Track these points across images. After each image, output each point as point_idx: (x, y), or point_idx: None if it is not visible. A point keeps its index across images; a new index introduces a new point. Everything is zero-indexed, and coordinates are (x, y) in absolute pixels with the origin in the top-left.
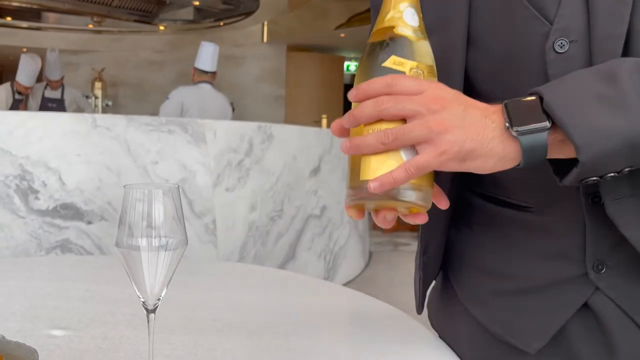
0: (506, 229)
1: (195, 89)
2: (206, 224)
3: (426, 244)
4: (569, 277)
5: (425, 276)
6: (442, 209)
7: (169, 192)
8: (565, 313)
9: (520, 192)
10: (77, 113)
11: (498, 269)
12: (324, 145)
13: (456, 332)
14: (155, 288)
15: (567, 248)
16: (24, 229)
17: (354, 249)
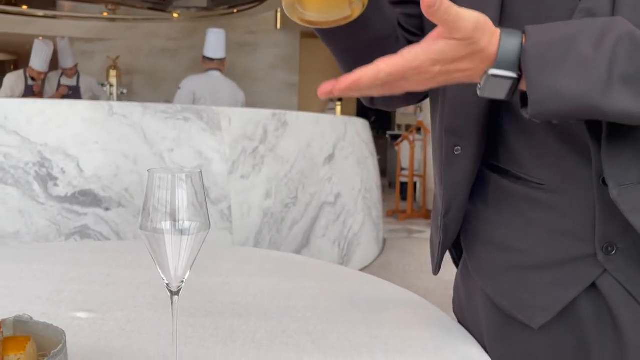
0: (519, 205)
1: (205, 77)
2: (222, 211)
3: (449, 205)
4: (578, 257)
5: (445, 238)
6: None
7: (192, 177)
8: (572, 292)
9: (534, 168)
10: (94, 101)
11: (509, 243)
12: (338, 133)
13: (475, 311)
14: (178, 271)
15: (577, 228)
16: (43, 215)
17: (368, 236)
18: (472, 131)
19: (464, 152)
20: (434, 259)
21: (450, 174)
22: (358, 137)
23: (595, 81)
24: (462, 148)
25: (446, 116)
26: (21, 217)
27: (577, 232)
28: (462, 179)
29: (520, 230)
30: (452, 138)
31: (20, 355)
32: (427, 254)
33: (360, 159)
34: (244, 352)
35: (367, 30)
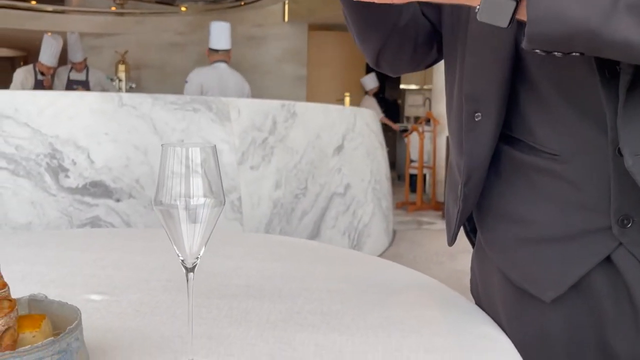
0: (532, 177)
1: (211, 69)
2: (232, 202)
3: (469, 174)
4: (592, 230)
5: (464, 207)
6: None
7: (206, 151)
8: (585, 265)
9: (548, 138)
10: (104, 92)
11: (522, 216)
12: (347, 123)
13: (490, 290)
14: (193, 247)
15: (592, 200)
16: (55, 206)
17: (377, 227)
18: (493, 97)
19: (484, 118)
20: (450, 230)
21: (471, 141)
22: (367, 127)
23: (600, 5)
24: (482, 114)
25: (466, 82)
26: (33, 209)
27: (592, 204)
28: (483, 146)
29: (534, 203)
30: (472, 104)
31: (36, 333)
32: (438, 245)
33: (370, 150)
34: (259, 332)
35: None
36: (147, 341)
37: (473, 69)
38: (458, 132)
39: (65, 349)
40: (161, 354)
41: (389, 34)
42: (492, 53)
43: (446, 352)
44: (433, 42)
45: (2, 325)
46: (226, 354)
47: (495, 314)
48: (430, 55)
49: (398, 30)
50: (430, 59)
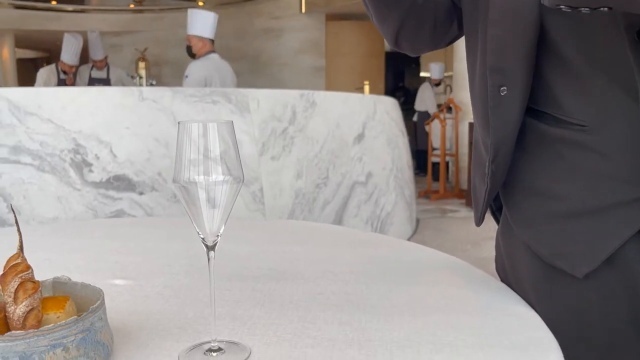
0: (559, 150)
1: (206, 60)
2: (253, 192)
3: (497, 149)
4: (624, 201)
5: (492, 185)
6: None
7: (224, 127)
8: (618, 238)
9: (576, 108)
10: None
11: (551, 190)
12: (367, 111)
13: (518, 268)
14: (214, 224)
15: (622, 170)
16: (80, 200)
17: (400, 216)
18: (519, 69)
19: (510, 92)
20: (477, 210)
21: (497, 116)
22: (387, 115)
23: None
24: (508, 88)
25: (490, 55)
26: (59, 204)
27: (623, 175)
28: (509, 121)
29: (562, 176)
30: (497, 77)
31: (60, 314)
32: (462, 232)
33: (391, 138)
34: (282, 312)
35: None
36: (171, 322)
37: (497, 42)
38: (483, 108)
39: (89, 327)
40: (185, 335)
41: (407, 12)
42: (515, 24)
43: (474, 330)
44: (453, 18)
45: (26, 306)
46: (249, 333)
47: (523, 292)
48: (451, 32)
49: (416, 8)
50: (450, 36)
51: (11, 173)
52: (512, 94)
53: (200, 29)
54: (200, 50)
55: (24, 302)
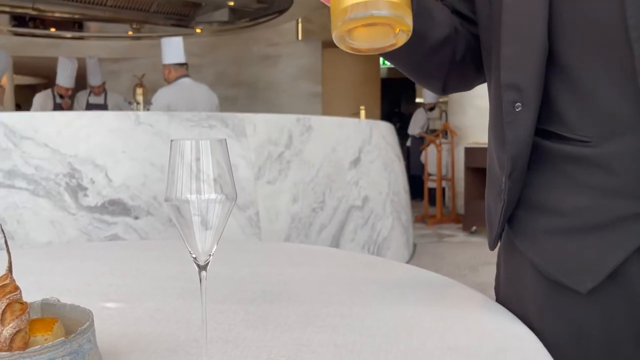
0: (563, 166)
1: (176, 86)
2: (249, 217)
3: (514, 164)
4: (626, 216)
5: (509, 200)
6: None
7: (217, 145)
8: (621, 253)
9: (580, 124)
10: (121, 111)
11: (553, 206)
12: (363, 136)
13: (519, 285)
14: (206, 243)
15: (625, 185)
16: (74, 225)
17: (397, 241)
18: (531, 86)
19: (524, 108)
20: (492, 231)
21: (513, 131)
22: (384, 140)
23: None
24: (522, 104)
25: (504, 73)
26: (53, 228)
27: (626, 189)
28: (524, 135)
29: (565, 192)
30: (511, 94)
31: (48, 336)
32: (460, 257)
33: (387, 163)
34: (276, 335)
35: (426, 41)
36: (162, 345)
37: (510, 60)
38: (499, 124)
39: (77, 350)
40: (176, 358)
41: (448, 74)
42: (526, 43)
43: (472, 351)
44: None
45: (13, 327)
46: (242, 356)
47: (524, 309)
48: None
49: (455, 66)
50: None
51: (5, 197)
52: (526, 109)
53: (168, 57)
54: (169, 77)
55: (11, 323)
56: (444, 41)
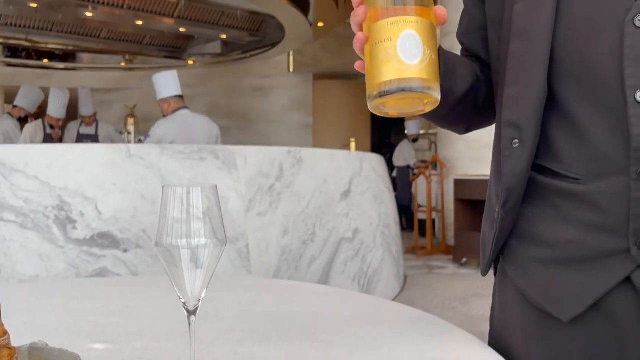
0: (554, 200)
1: (173, 118)
2: (239, 249)
3: (507, 196)
4: (611, 251)
5: (501, 230)
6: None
7: (207, 191)
8: (604, 286)
9: (574, 162)
10: (112, 144)
11: (543, 237)
12: (354, 168)
13: (511, 314)
14: (195, 289)
15: (611, 222)
16: (62, 258)
17: (388, 273)
18: (530, 124)
19: (522, 145)
20: (485, 257)
21: (509, 166)
22: (374, 172)
23: None
24: (520, 141)
25: (505, 110)
26: (40, 261)
27: (611, 226)
28: (520, 171)
29: (555, 225)
30: (510, 131)
31: None
32: (450, 289)
33: (377, 194)
34: None
35: (451, 97)
36: None
37: (511, 99)
38: (497, 157)
39: None
40: None
41: (471, 117)
42: (527, 84)
43: None
44: None
45: None
46: None
47: (513, 338)
48: None
49: (478, 109)
50: None
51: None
52: (523, 146)
53: (163, 92)
54: (167, 111)
55: None
56: (467, 93)
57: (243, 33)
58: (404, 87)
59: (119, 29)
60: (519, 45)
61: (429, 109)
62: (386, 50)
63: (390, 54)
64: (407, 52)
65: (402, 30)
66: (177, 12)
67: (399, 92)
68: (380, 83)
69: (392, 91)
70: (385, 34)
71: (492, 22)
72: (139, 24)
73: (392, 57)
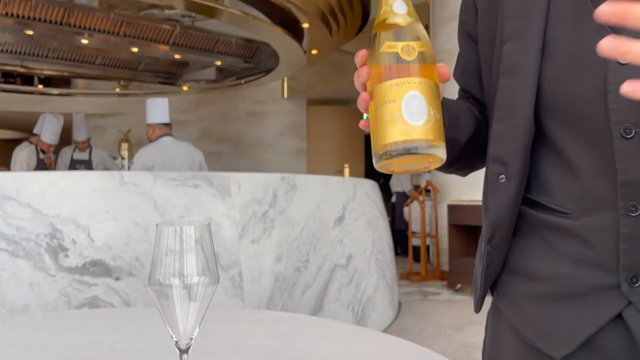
0: (544, 234)
1: (157, 144)
2: (232, 277)
3: (493, 231)
4: (602, 287)
5: (488, 265)
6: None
7: (200, 230)
8: (595, 323)
9: (564, 197)
10: (106, 171)
11: (533, 272)
12: (347, 194)
13: (503, 349)
14: (187, 327)
15: (602, 257)
16: (53, 287)
17: (382, 299)
18: (517, 160)
19: (508, 180)
20: (476, 292)
21: (495, 201)
22: (367, 198)
23: None
24: (506, 176)
25: (492, 146)
26: (31, 290)
27: (602, 261)
28: (506, 207)
29: (545, 259)
30: (497, 167)
31: None
32: (445, 316)
33: (371, 220)
34: None
35: (458, 146)
36: None
37: (497, 135)
38: (485, 192)
39: None
40: None
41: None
42: (513, 120)
43: None
44: None
45: None
46: None
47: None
48: None
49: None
50: None
51: None
52: (509, 182)
53: (151, 118)
54: (152, 136)
55: None
56: (471, 138)
57: (238, 60)
58: (410, 148)
59: (114, 55)
60: (507, 83)
61: (435, 166)
62: (391, 112)
63: (395, 115)
64: (412, 113)
65: (406, 91)
66: (172, 39)
67: (405, 154)
68: (385, 144)
69: (398, 152)
70: (389, 96)
71: (484, 61)
72: (134, 50)
73: (397, 119)
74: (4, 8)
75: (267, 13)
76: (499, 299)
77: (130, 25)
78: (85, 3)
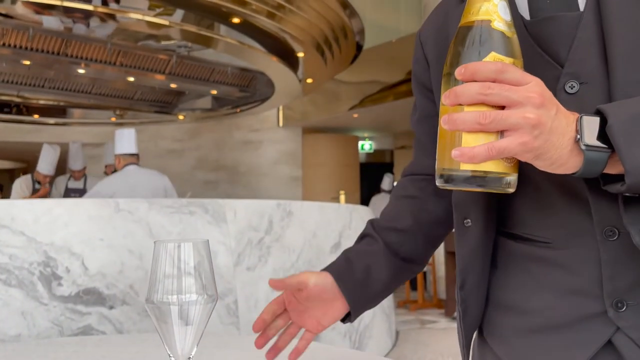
0: (526, 265)
1: (120, 174)
2: (228, 305)
3: (464, 277)
4: (589, 315)
5: (465, 314)
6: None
7: (198, 247)
8: (586, 352)
9: (540, 228)
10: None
11: (518, 305)
12: (343, 221)
13: None
14: (186, 346)
15: (585, 285)
16: (46, 316)
17: (380, 328)
18: (480, 204)
19: (474, 224)
20: (460, 341)
21: (463, 245)
22: (364, 224)
23: None
24: (471, 220)
25: (454, 191)
26: (23, 319)
27: (586, 289)
28: (474, 251)
29: (529, 291)
30: (461, 211)
31: None
32: (442, 344)
33: None
34: None
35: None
36: None
37: None
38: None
39: None
40: None
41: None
42: None
43: None
44: None
45: None
46: None
47: None
48: None
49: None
50: None
51: None
52: (475, 225)
53: (118, 148)
54: (118, 166)
55: None
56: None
57: (233, 89)
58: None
59: (111, 84)
60: None
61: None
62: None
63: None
64: None
65: None
66: (168, 69)
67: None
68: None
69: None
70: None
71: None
72: (131, 80)
73: None
74: (1, 39)
75: (263, 42)
76: (487, 335)
77: (126, 55)
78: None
